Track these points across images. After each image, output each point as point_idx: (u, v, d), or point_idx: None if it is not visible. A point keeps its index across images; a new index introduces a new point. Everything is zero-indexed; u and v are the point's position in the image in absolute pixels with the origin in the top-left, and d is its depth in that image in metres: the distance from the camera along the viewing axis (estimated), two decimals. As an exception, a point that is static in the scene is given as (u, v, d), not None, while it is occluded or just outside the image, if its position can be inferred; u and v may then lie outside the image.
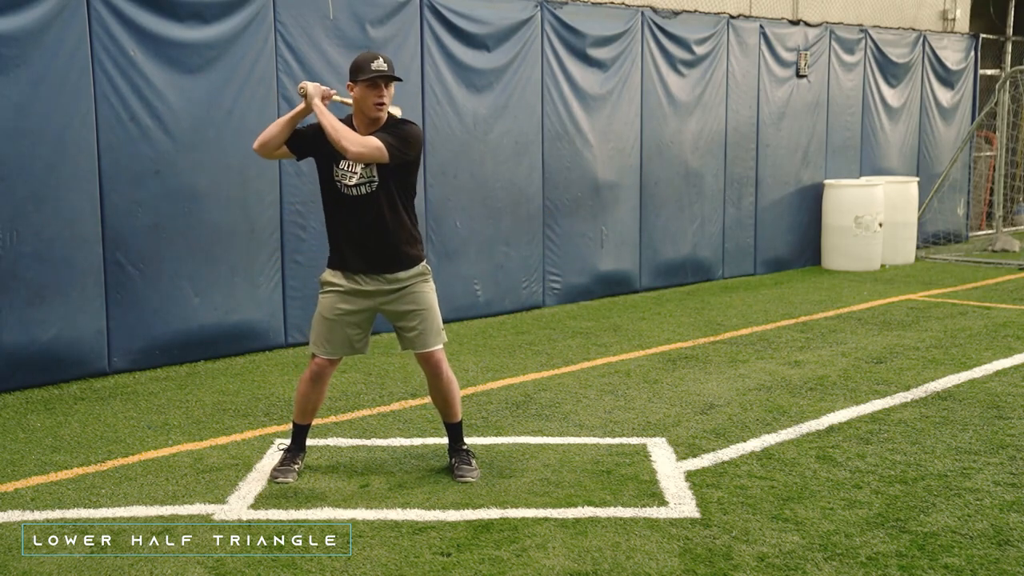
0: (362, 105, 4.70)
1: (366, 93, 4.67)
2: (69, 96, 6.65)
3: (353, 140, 4.56)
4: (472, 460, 5.01)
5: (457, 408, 5.02)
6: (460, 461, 4.98)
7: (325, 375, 4.94)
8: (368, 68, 4.64)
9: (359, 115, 4.75)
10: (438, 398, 5.01)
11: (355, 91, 4.70)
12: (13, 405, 6.29)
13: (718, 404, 6.23)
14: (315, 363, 4.91)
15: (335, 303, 4.85)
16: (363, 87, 4.67)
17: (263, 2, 7.50)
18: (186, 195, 7.23)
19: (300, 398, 4.99)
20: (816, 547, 4.13)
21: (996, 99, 13.35)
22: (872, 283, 10.96)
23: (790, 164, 11.80)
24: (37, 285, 6.60)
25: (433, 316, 4.90)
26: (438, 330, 4.93)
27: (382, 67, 4.65)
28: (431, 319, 4.89)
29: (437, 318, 4.93)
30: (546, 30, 9.30)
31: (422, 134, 4.85)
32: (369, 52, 4.82)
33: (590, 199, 9.80)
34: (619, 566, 3.97)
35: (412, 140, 4.74)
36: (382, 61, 4.66)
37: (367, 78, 4.64)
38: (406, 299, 4.85)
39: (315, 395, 4.98)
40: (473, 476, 4.90)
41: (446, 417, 5.05)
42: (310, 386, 4.94)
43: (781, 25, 11.51)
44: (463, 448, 5.05)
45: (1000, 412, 5.99)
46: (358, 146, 4.55)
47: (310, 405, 5.00)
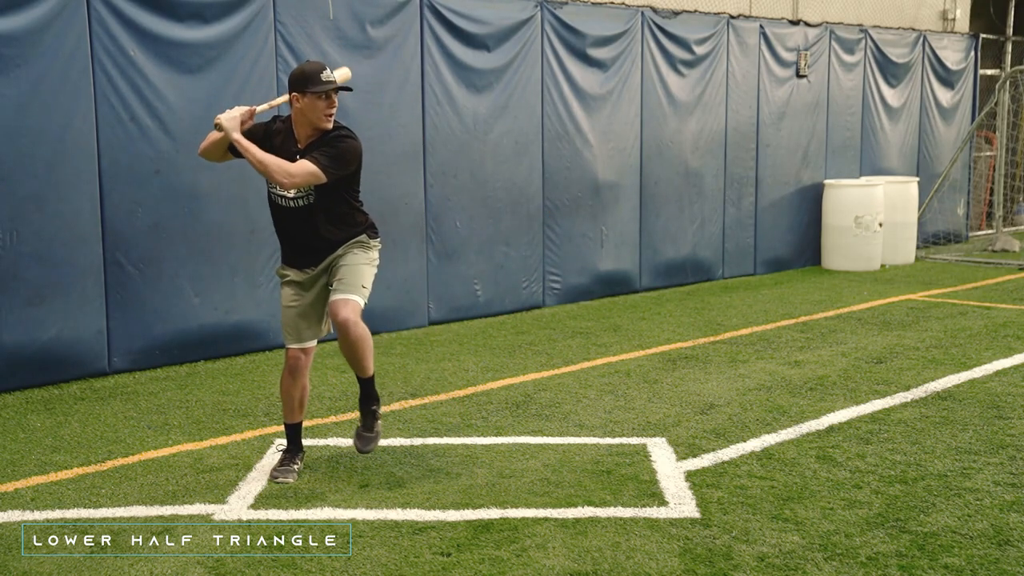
0: (309, 115, 4.70)
1: (316, 104, 4.68)
2: (69, 96, 6.65)
3: (283, 172, 4.57)
4: (375, 423, 4.96)
5: (365, 362, 4.85)
6: (362, 425, 4.96)
7: (300, 366, 4.94)
8: (318, 80, 4.66)
9: (302, 123, 4.75)
10: (345, 350, 4.82)
11: (301, 101, 4.68)
12: (13, 405, 6.29)
13: (718, 404, 6.23)
14: (289, 355, 4.95)
15: (291, 292, 4.94)
16: (312, 98, 4.66)
17: (263, 2, 7.51)
18: (186, 195, 7.23)
19: (283, 395, 5.03)
20: (816, 547, 4.13)
21: (996, 99, 13.35)
22: (872, 283, 10.96)
23: (790, 164, 11.80)
24: (37, 285, 6.60)
25: (352, 272, 4.82)
26: (352, 283, 4.79)
27: (331, 78, 4.69)
28: (349, 272, 4.81)
29: (357, 275, 4.83)
30: (546, 30, 9.30)
31: (360, 147, 4.81)
32: (315, 62, 4.82)
33: (590, 199, 9.80)
34: (619, 566, 3.97)
35: (349, 157, 4.74)
36: (330, 71, 4.72)
37: (318, 90, 4.65)
38: (337, 262, 4.87)
39: (296, 389, 4.97)
40: (370, 446, 4.92)
41: (357, 371, 4.92)
42: (289, 380, 4.96)
43: (781, 25, 11.51)
44: (373, 408, 4.98)
45: (1000, 412, 5.99)
46: (290, 177, 4.58)
47: (295, 401, 5.00)
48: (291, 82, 4.73)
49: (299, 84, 4.68)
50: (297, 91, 4.68)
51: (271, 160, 4.60)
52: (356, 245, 4.90)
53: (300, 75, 4.70)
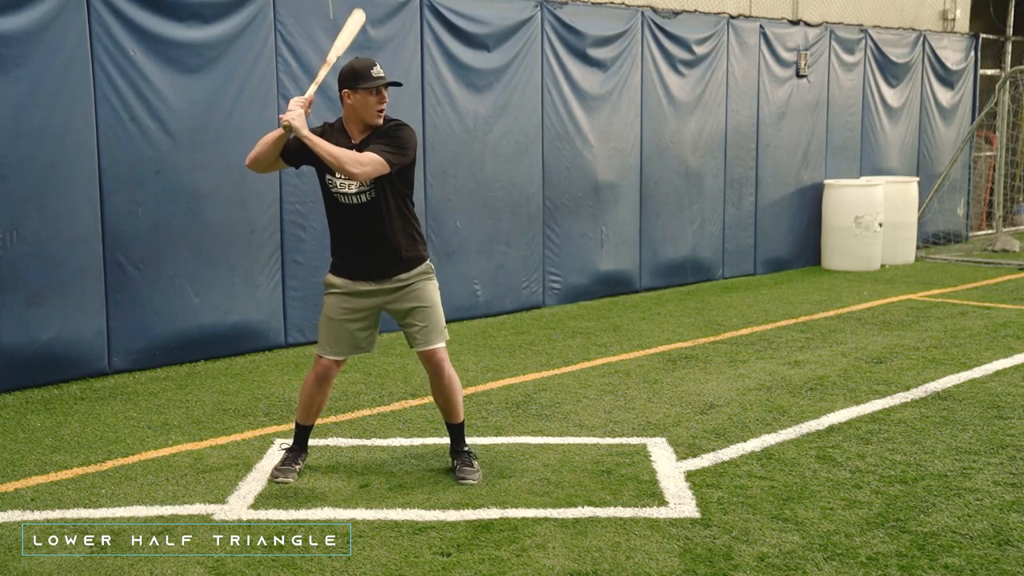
0: (361, 111, 4.69)
1: (367, 100, 4.66)
2: (69, 96, 6.65)
3: (355, 162, 4.54)
4: (474, 462, 4.99)
5: (459, 408, 5.01)
6: (462, 463, 4.97)
7: (330, 376, 4.94)
8: (369, 76, 4.64)
9: (354, 120, 4.74)
10: (440, 398, 4.99)
11: (352, 97, 4.67)
12: (13, 405, 6.29)
13: (718, 404, 6.23)
14: (320, 364, 4.92)
15: (339, 304, 4.87)
16: (364, 94, 4.65)
17: (263, 2, 7.51)
18: (186, 195, 7.23)
19: (304, 399, 5.00)
20: (816, 547, 4.13)
21: (996, 99, 13.34)
22: (872, 283, 10.96)
23: (790, 164, 11.80)
24: (37, 285, 6.60)
25: (436, 313, 4.90)
26: (440, 328, 4.92)
27: (381, 74, 4.67)
28: (433, 316, 4.89)
29: (440, 316, 4.92)
30: (546, 30, 9.30)
31: (415, 134, 4.83)
32: (365, 58, 4.81)
33: (590, 199, 9.80)
34: (619, 566, 3.97)
35: (409, 144, 4.74)
36: (380, 67, 4.70)
37: (370, 85, 4.63)
38: (409, 296, 4.85)
39: (320, 396, 4.99)
40: (475, 478, 4.89)
41: (448, 417, 5.04)
42: (315, 387, 4.95)
43: (781, 25, 11.51)
44: (465, 449, 5.04)
45: (1000, 412, 5.99)
46: (360, 167, 4.55)
47: (314, 407, 5.01)
48: (341, 79, 4.69)
49: (350, 80, 4.65)
50: (348, 87, 4.66)
51: (342, 152, 4.55)
52: (425, 278, 4.88)
53: (350, 72, 4.67)
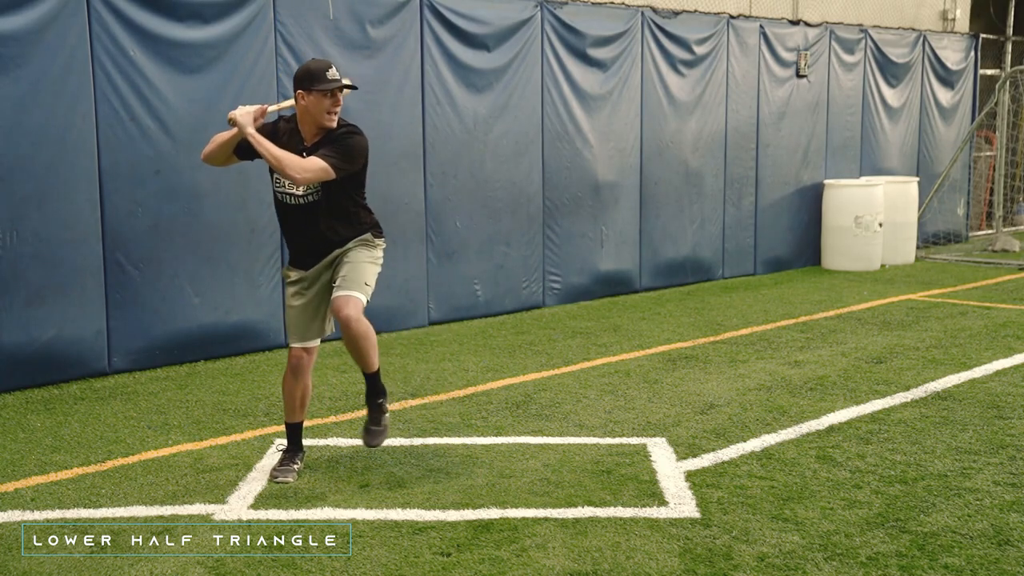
0: (314, 113, 4.69)
1: (321, 102, 4.67)
2: (69, 96, 6.65)
3: (296, 167, 4.56)
4: (382, 417, 4.93)
5: (369, 358, 4.84)
6: (370, 420, 4.94)
7: (303, 366, 4.95)
8: (324, 77, 4.65)
9: (307, 121, 4.74)
10: (348, 345, 4.83)
11: (306, 98, 4.67)
12: (13, 405, 6.29)
13: (718, 404, 6.23)
14: (292, 355, 4.95)
15: (295, 290, 4.94)
16: (318, 95, 4.66)
17: (263, 2, 7.51)
18: (186, 195, 7.23)
19: (285, 395, 5.03)
20: (816, 547, 4.13)
21: (996, 99, 13.34)
22: (872, 283, 10.96)
23: (790, 164, 11.81)
24: (37, 285, 6.60)
25: (355, 269, 4.81)
26: (355, 280, 4.78)
27: (336, 76, 4.69)
28: (352, 272, 4.79)
29: (361, 274, 4.82)
30: (546, 30, 9.30)
31: (366, 142, 4.82)
32: (321, 60, 4.83)
33: (590, 199, 9.80)
34: (619, 566, 3.97)
35: (357, 153, 4.75)
36: (335, 70, 4.71)
37: (324, 88, 4.64)
38: (341, 259, 4.86)
39: (298, 389, 4.98)
40: (378, 439, 4.89)
41: (362, 367, 4.92)
42: (292, 379, 4.97)
43: (781, 25, 11.51)
44: (380, 402, 4.96)
45: (1000, 412, 5.99)
46: (302, 172, 4.57)
47: (296, 400, 5.01)
48: (296, 79, 4.73)
49: (304, 81, 4.68)
50: (302, 88, 4.68)
51: (285, 156, 4.58)
52: (360, 243, 4.90)
53: (305, 72, 4.70)
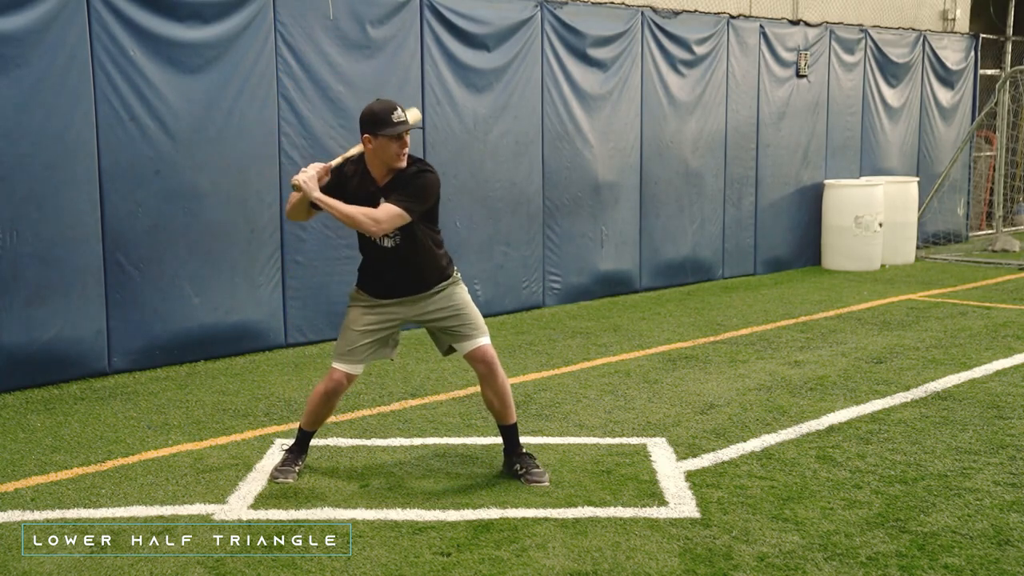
0: (383, 156, 4.63)
1: (388, 145, 4.60)
2: (69, 96, 6.65)
3: (371, 222, 4.56)
4: (535, 461, 4.95)
5: (512, 408, 4.95)
6: (528, 465, 4.91)
7: (339, 392, 4.90)
8: (390, 121, 4.57)
9: (376, 164, 4.68)
10: (493, 398, 4.91)
11: (373, 143, 4.61)
12: (13, 405, 6.29)
13: (718, 404, 6.23)
14: (333, 377, 4.86)
15: (361, 313, 4.86)
16: (385, 140, 4.59)
17: (263, 2, 7.50)
18: (186, 195, 7.23)
19: (312, 407, 4.97)
20: (816, 547, 4.13)
21: (996, 99, 13.35)
22: (872, 283, 10.96)
23: (790, 164, 11.80)
24: (37, 285, 6.60)
25: (470, 312, 4.88)
26: (480, 324, 4.89)
27: (402, 118, 4.61)
28: (468, 315, 4.86)
29: (476, 313, 4.90)
30: (546, 30, 9.30)
31: (438, 180, 4.77)
32: (385, 102, 4.70)
33: (590, 199, 9.80)
34: (619, 566, 3.97)
35: (429, 192, 4.71)
36: (400, 112, 4.63)
37: (391, 133, 4.58)
38: (435, 301, 4.84)
39: (326, 411, 4.97)
40: (546, 479, 4.85)
41: (501, 419, 4.97)
42: (323, 399, 4.91)
43: (781, 25, 11.51)
44: (524, 451, 4.99)
45: (1000, 412, 5.99)
46: (377, 223, 4.57)
47: (320, 416, 5.00)
48: (362, 123, 4.64)
49: (370, 126, 4.60)
50: (369, 133, 4.60)
51: (357, 212, 4.57)
52: (451, 284, 4.88)
53: (371, 116, 4.61)
